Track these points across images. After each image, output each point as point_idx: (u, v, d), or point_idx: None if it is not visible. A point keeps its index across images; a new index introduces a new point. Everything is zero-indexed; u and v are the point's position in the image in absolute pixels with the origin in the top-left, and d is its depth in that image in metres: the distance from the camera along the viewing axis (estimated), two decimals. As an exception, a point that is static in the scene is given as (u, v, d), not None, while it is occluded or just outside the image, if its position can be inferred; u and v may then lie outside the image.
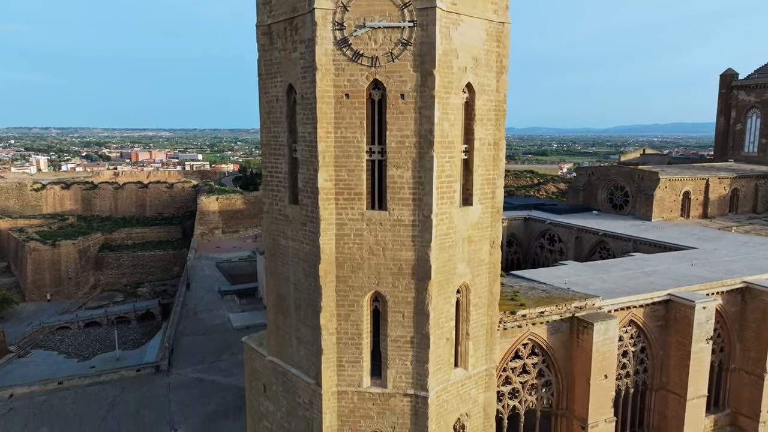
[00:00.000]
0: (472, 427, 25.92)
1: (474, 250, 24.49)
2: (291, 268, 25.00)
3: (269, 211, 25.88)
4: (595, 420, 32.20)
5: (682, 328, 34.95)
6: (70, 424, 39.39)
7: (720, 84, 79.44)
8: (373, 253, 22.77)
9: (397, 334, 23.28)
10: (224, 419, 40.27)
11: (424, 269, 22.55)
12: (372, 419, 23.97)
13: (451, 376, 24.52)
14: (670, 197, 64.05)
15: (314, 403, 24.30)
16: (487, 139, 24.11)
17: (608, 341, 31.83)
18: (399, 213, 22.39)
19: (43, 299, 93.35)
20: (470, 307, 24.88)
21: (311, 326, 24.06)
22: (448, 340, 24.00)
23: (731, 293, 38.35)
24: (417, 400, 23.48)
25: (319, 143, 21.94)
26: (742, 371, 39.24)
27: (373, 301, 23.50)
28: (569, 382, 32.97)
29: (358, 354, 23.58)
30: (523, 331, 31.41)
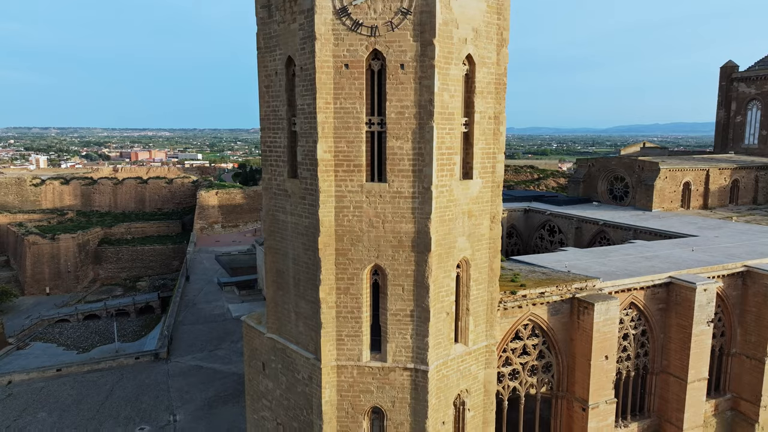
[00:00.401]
0: (473, 403, 25.77)
1: (474, 224, 24.35)
2: (290, 243, 24.86)
3: (268, 187, 25.74)
4: (596, 401, 32.07)
5: (683, 310, 34.82)
6: (69, 410, 39.23)
7: (720, 76, 79.31)
8: (372, 226, 22.63)
9: (397, 307, 23.14)
10: (223, 405, 40.14)
11: (424, 242, 22.41)
12: (372, 394, 23.83)
13: (451, 351, 24.38)
14: (670, 188, 63.91)
15: (313, 378, 24.16)
16: (488, 112, 23.98)
17: (609, 322, 31.70)
18: (399, 185, 22.26)
19: (42, 293, 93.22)
20: (470, 282, 24.74)
21: (310, 300, 23.92)
22: (448, 314, 23.86)
23: (732, 277, 38.22)
24: (417, 375, 23.34)
25: (318, 114, 21.81)
26: (743, 356, 39.12)
27: (373, 275, 23.36)
28: (570, 364, 32.84)
29: (358, 328, 23.44)
30: (524, 312, 31.26)
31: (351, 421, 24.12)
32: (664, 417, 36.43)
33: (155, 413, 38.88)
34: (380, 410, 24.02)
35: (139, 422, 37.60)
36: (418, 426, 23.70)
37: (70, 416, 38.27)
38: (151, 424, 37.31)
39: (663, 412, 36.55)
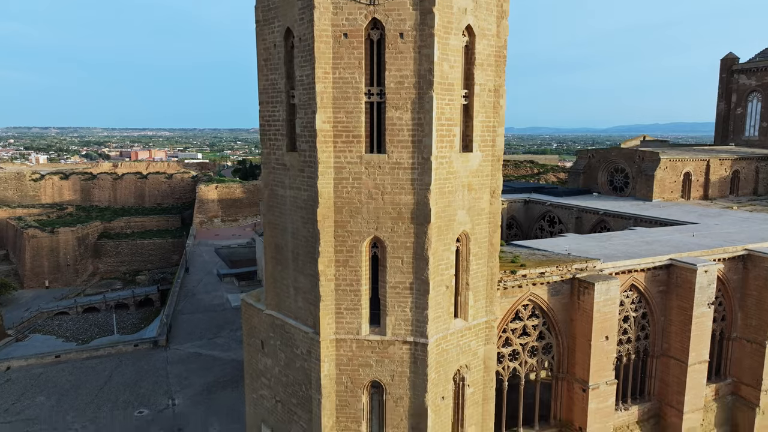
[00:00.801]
0: (472, 379, 25.63)
1: (474, 198, 24.22)
2: (289, 218, 24.73)
3: (267, 162, 25.60)
4: (596, 382, 31.93)
5: (683, 292, 34.67)
6: (67, 394, 39.10)
7: (720, 68, 79.17)
8: (371, 197, 22.50)
9: (396, 280, 23.00)
10: (222, 390, 40.02)
11: (423, 213, 22.28)
12: (371, 368, 23.69)
13: (451, 325, 24.24)
14: (670, 178, 63.77)
15: (312, 353, 24.02)
16: (488, 85, 23.85)
17: (609, 302, 31.56)
18: (398, 156, 22.13)
19: (41, 286, 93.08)
20: (470, 256, 24.60)
21: (309, 274, 23.78)
22: (447, 288, 23.72)
23: (733, 261, 38.07)
24: (416, 348, 23.20)
25: (317, 84, 21.67)
26: (744, 340, 38.98)
27: (372, 248, 23.22)
28: (570, 345, 32.70)
29: (357, 301, 23.30)
30: (524, 292, 31.12)
31: (350, 395, 23.98)
32: (665, 400, 36.30)
33: (154, 398, 38.74)
34: (379, 384, 23.89)
35: (138, 406, 37.47)
36: (417, 400, 23.56)
37: (68, 400, 38.13)
38: (149, 408, 37.18)
39: (663, 395, 36.40)
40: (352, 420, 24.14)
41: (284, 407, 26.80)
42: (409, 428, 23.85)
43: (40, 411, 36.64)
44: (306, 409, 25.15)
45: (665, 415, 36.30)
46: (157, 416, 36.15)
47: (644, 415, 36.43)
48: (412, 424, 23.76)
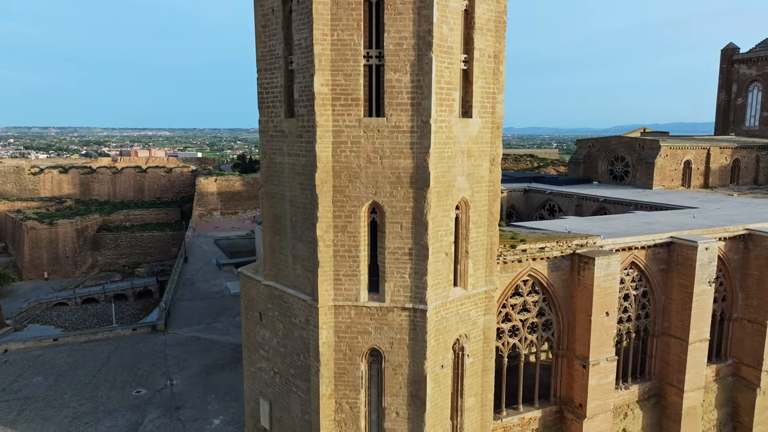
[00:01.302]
0: (472, 349, 25.46)
1: (474, 165, 24.05)
2: (287, 185, 24.56)
3: (265, 130, 25.43)
4: (597, 358, 31.75)
5: (684, 270, 34.50)
6: (65, 375, 38.94)
7: (721, 58, 79.08)
8: (370, 162, 22.33)
9: (395, 245, 22.83)
10: (220, 371, 39.86)
11: (422, 177, 22.11)
12: (369, 335, 23.51)
13: (450, 293, 24.07)
14: (671, 166, 63.63)
15: (310, 321, 23.85)
16: (487, 50, 23.67)
17: (610, 277, 31.39)
18: (397, 119, 21.96)
19: (40, 278, 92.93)
20: (470, 224, 24.43)
21: (308, 241, 23.61)
22: (447, 255, 23.54)
23: (734, 240, 37.90)
24: (416, 314, 23.02)
25: (315, 46, 21.51)
26: (745, 320, 38.80)
27: (371, 213, 23.05)
28: (570, 322, 32.52)
29: (356, 267, 23.12)
30: (523, 267, 30.93)
31: (348, 363, 23.81)
32: (666, 380, 36.11)
33: (152, 378, 38.58)
34: (378, 352, 23.72)
35: (136, 386, 37.31)
36: (416, 368, 23.38)
37: (66, 380, 37.96)
38: (147, 388, 37.00)
39: (664, 374, 36.22)
40: (350, 388, 23.96)
41: (282, 378, 26.63)
42: (408, 396, 23.67)
43: (38, 390, 36.47)
44: (304, 379, 24.97)
45: (666, 395, 36.12)
46: (155, 395, 35.98)
47: (644, 394, 36.25)
48: (411, 392, 23.58)
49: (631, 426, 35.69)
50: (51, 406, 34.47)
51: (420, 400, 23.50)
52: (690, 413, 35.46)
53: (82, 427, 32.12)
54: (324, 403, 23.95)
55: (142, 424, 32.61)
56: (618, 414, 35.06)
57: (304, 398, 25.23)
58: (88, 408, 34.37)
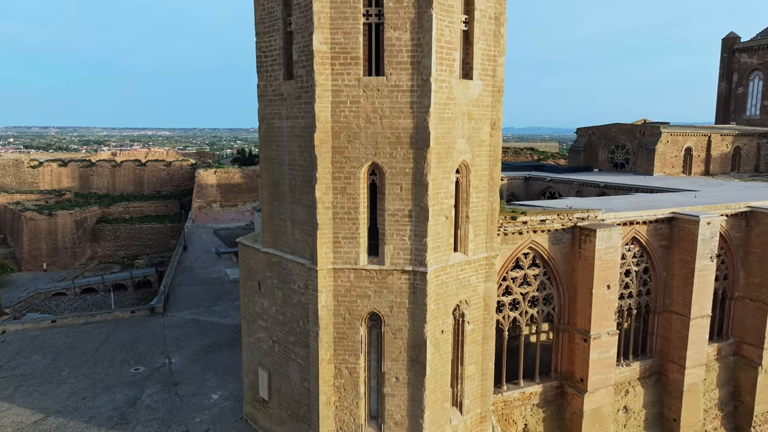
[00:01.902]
0: (472, 316, 25.23)
1: (474, 128, 23.83)
2: (286, 149, 24.35)
3: (263, 95, 25.22)
4: (598, 332, 31.54)
5: (685, 245, 34.30)
6: (63, 354, 38.72)
7: (722, 48, 78.83)
8: (370, 122, 22.11)
9: (395, 207, 22.62)
10: (219, 351, 39.62)
11: (422, 137, 21.90)
12: (369, 299, 23.30)
13: (450, 258, 23.84)
14: (671, 152, 63.44)
15: (309, 285, 23.63)
16: (488, 12, 23.46)
17: (611, 250, 31.18)
18: (397, 78, 21.75)
19: (39, 269, 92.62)
20: (470, 188, 24.21)
21: (307, 204, 23.39)
22: (447, 218, 23.32)
23: (735, 218, 37.71)
24: (415, 277, 22.80)
25: (315, 3, 21.29)
26: (746, 299, 38.60)
27: (371, 175, 22.84)
28: (571, 296, 32.31)
29: (355, 229, 22.90)
30: (524, 239, 30.73)
31: (348, 327, 23.59)
32: (667, 357, 35.91)
33: (150, 357, 38.32)
34: (378, 316, 23.50)
35: (134, 364, 37.02)
36: (416, 332, 23.17)
37: (63, 359, 37.69)
38: (146, 366, 36.72)
39: (665, 351, 36.02)
40: (350, 353, 23.74)
41: (281, 347, 26.41)
42: (408, 361, 23.45)
43: (35, 367, 36.19)
44: (303, 345, 24.75)
45: (667, 372, 35.91)
46: (154, 372, 35.70)
47: (646, 372, 36.04)
48: (411, 357, 23.36)
49: (632, 403, 35.48)
50: (48, 382, 34.23)
51: (420, 364, 23.28)
52: (691, 390, 35.26)
53: (80, 402, 31.87)
54: (323, 368, 23.74)
55: (140, 398, 32.36)
56: (619, 391, 34.86)
57: (303, 365, 25.00)
58: (85, 384, 34.12)
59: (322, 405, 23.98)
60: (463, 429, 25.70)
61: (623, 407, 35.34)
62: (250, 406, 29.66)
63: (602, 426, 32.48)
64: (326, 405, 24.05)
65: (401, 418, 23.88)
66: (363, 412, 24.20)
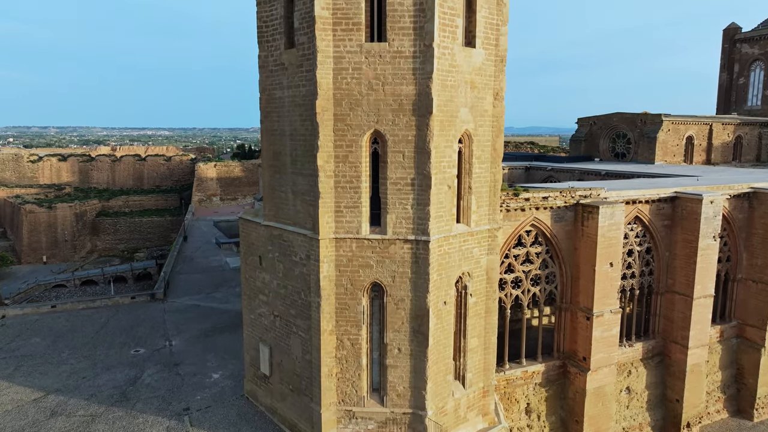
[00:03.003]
0: (475, 288, 25.05)
1: (477, 97, 23.66)
2: (287, 119, 24.17)
3: (264, 65, 25.01)
4: (601, 310, 31.40)
5: (688, 224, 34.15)
6: (63, 337, 38.55)
7: (723, 38, 78.61)
8: (372, 89, 21.94)
9: (398, 175, 22.44)
10: (220, 334, 39.46)
11: (425, 104, 21.72)
12: (371, 268, 23.12)
13: (453, 228, 23.67)
14: (673, 141, 63.26)
15: (311, 255, 23.44)
16: (491, -20, 23.27)
17: (614, 227, 31.03)
18: (399, 43, 21.57)
19: (39, 262, 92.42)
20: (473, 158, 24.04)
21: (308, 174, 23.20)
22: (449, 188, 23.15)
23: (738, 199, 37.58)
24: (418, 246, 22.62)
25: (317, -32, 21.11)
26: (749, 280, 38.45)
27: (373, 143, 22.66)
28: (574, 274, 32.16)
29: (357, 198, 22.73)
30: (526, 216, 30.59)
31: (350, 297, 23.41)
32: (670, 337, 35.76)
33: (151, 339, 38.12)
34: (380, 287, 23.32)
35: (134, 346, 36.81)
36: (419, 302, 22.99)
37: (63, 341, 37.49)
38: (146, 348, 36.52)
39: (668, 332, 35.86)
40: (352, 324, 23.56)
41: (282, 321, 26.22)
42: (410, 331, 23.28)
43: (36, 349, 35.98)
44: (305, 318, 24.57)
45: (670, 352, 35.76)
46: (154, 354, 35.50)
47: (648, 352, 35.89)
48: (414, 327, 23.18)
49: (634, 384, 35.32)
50: (48, 363, 34.04)
51: (422, 335, 23.10)
52: (694, 370, 35.10)
53: (80, 381, 31.68)
54: (325, 339, 23.56)
55: (140, 378, 32.17)
56: (621, 371, 34.71)
57: (304, 338, 24.82)
58: (86, 365, 33.94)
59: (324, 376, 23.80)
60: (465, 403, 25.52)
61: (626, 388, 35.18)
62: (251, 384, 29.48)
63: (605, 405, 32.32)
64: (328, 376, 23.87)
65: (403, 390, 23.70)
66: (365, 384, 24.03)
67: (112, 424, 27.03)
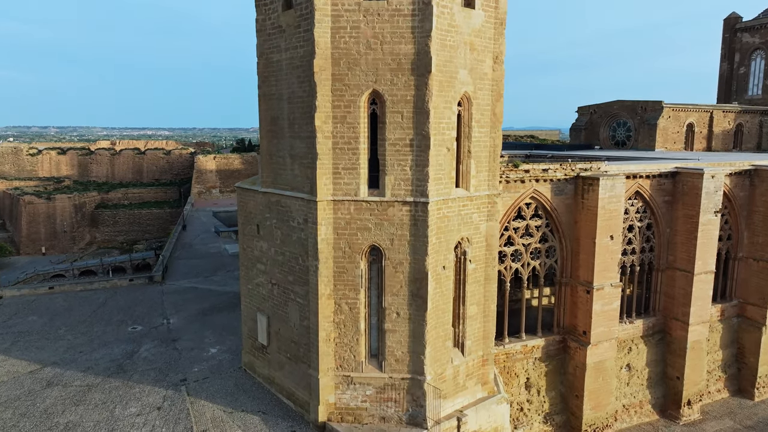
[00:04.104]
0: (474, 254, 24.84)
1: (476, 59, 23.46)
2: (285, 82, 23.97)
3: (262, 29, 24.82)
4: (601, 283, 31.21)
5: (689, 200, 33.96)
6: (60, 315, 38.36)
7: (724, 28, 78.38)
8: (370, 48, 21.74)
9: (396, 136, 22.23)
10: (218, 313, 39.28)
11: (424, 62, 21.53)
12: (369, 231, 22.90)
13: (452, 192, 23.46)
14: (673, 128, 63.08)
15: (309, 219, 23.23)
16: (490, -60, 23.09)
17: (614, 199, 30.84)
18: (397, 1, 21.37)
19: (37, 253, 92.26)
20: (472, 122, 23.84)
21: (306, 136, 23.00)
22: (449, 150, 22.94)
23: (740, 176, 37.40)
24: (416, 208, 22.41)
25: (315, -75, 20.91)
26: (750, 259, 38.25)
27: (371, 104, 22.46)
28: (574, 248, 31.96)
29: (355, 160, 22.52)
30: (526, 188, 30.41)
31: (348, 261, 23.19)
32: (670, 314, 35.55)
33: (148, 318, 37.91)
34: (378, 250, 23.10)
35: (132, 324, 36.60)
36: (417, 265, 22.77)
37: (60, 319, 37.28)
38: (143, 325, 36.32)
39: (669, 309, 35.65)
40: (350, 288, 23.34)
41: (280, 288, 26.01)
42: (409, 295, 23.06)
43: (32, 326, 35.76)
44: (302, 283, 24.35)
45: (670, 329, 35.55)
46: (152, 331, 35.29)
47: (649, 330, 35.68)
48: (413, 291, 22.96)
49: (635, 361, 35.11)
50: (45, 339, 33.85)
51: (421, 299, 22.88)
52: (695, 347, 34.89)
53: (77, 355, 31.47)
54: (323, 303, 23.34)
55: (137, 352, 31.96)
56: (622, 348, 34.50)
57: (302, 304, 24.61)
58: (82, 340, 33.75)
59: (322, 341, 23.58)
60: (464, 371, 25.30)
61: (626, 365, 34.96)
62: (248, 355, 29.28)
63: (605, 380, 32.10)
64: (326, 341, 23.65)
65: (402, 355, 23.49)
66: (363, 349, 23.81)
67: (108, 393, 26.81)
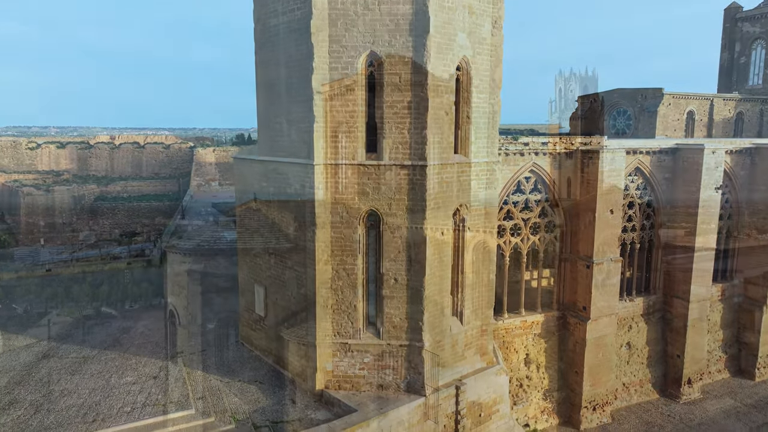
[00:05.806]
0: (473, 222, 24.61)
1: (475, 23, 23.26)
2: (282, 47, 23.77)
3: (260, -5, 24.64)
4: (601, 258, 30.97)
5: (690, 176, 33.76)
6: (57, 295, 38.17)
7: (724, 18, 78.14)
8: (368, 8, 21.54)
9: (394, 99, 22.03)
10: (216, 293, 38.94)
11: (422, 23, 21.34)
12: (367, 196, 22.67)
13: (451, 157, 23.25)
14: (673, 115, 62.82)
15: (306, 184, 22.98)
16: None
17: (614, 173, 30.64)
18: (396, -39, 21.17)
19: (36, 243, 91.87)
20: (471, 87, 23.63)
21: (303, 99, 22.77)
22: (447, 114, 22.73)
23: (740, 155, 37.19)
24: (414, 172, 22.20)
25: None
26: (751, 238, 37.98)
27: (368, 66, 22.25)
28: (573, 223, 31.73)
29: (353, 123, 22.27)
30: (525, 161, 30.23)
31: (346, 226, 22.98)
32: (671, 293, 35.36)
33: (146, 298, 37.94)
34: (377, 215, 22.88)
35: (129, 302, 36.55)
36: (415, 230, 22.55)
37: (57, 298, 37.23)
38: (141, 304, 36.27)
39: (670, 287, 35.45)
40: (348, 253, 23.13)
41: (277, 258, 25.80)
42: (406, 260, 22.84)
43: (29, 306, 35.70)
44: (300, 250, 24.11)
45: (671, 307, 35.34)
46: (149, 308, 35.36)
47: (649, 308, 35.46)
48: (410, 256, 22.75)
49: (635, 339, 34.89)
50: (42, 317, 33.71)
51: (419, 264, 22.67)
52: (695, 325, 34.67)
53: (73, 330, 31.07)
54: (320, 269, 23.12)
55: (134, 327, 31.89)
56: (622, 326, 34.28)
57: (300, 272, 24.37)
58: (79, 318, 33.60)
59: (320, 308, 23.36)
60: (463, 340, 25.08)
61: (626, 343, 34.74)
62: (246, 329, 29.11)
63: (605, 356, 31.88)
64: (323, 308, 23.44)
65: (400, 321, 23.28)
66: (361, 316, 23.60)
67: (104, 364, 26.61)
